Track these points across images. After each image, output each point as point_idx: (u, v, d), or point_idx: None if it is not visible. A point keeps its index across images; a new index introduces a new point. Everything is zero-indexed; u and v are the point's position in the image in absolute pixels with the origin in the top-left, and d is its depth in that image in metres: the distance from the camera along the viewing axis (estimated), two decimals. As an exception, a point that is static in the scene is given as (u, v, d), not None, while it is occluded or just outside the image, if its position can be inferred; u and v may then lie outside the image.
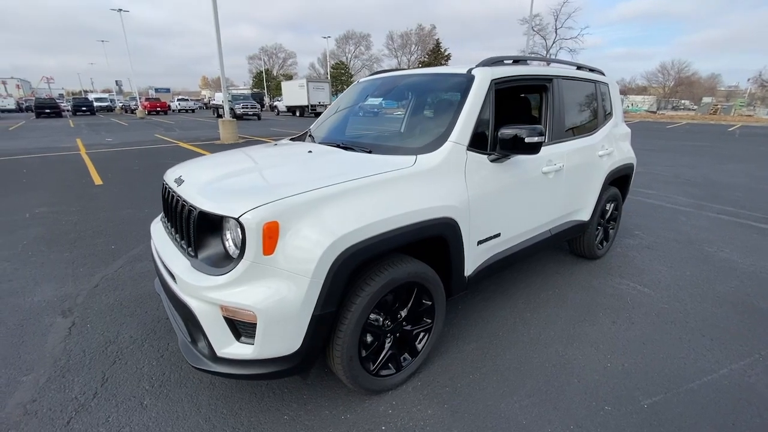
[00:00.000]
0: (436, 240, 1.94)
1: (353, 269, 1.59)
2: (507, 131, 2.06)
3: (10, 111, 39.82)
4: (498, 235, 2.30)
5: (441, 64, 45.33)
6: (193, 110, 39.17)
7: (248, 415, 1.80)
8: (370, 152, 2.14)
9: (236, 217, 1.49)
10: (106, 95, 44.96)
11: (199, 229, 1.65)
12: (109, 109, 39.70)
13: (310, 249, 1.50)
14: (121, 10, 31.03)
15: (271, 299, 1.49)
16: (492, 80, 2.24)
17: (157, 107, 34.01)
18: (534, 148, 2.06)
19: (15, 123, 23.22)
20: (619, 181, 3.50)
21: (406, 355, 2.01)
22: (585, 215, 3.07)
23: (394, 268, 1.77)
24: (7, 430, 1.71)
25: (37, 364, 2.14)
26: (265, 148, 2.55)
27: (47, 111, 28.64)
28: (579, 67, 3.21)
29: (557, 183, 2.63)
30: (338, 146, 2.27)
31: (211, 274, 1.55)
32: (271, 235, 1.48)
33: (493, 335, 2.41)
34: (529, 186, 2.42)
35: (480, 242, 2.18)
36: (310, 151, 2.25)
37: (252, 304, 1.48)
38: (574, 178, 2.81)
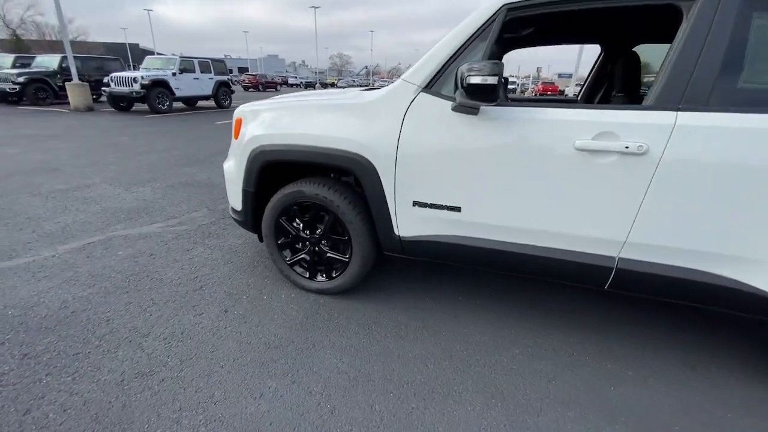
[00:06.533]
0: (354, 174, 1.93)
1: (263, 164, 2.05)
2: (461, 68, 1.50)
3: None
4: (458, 209, 1.80)
5: None
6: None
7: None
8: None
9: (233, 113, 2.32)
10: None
11: None
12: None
13: (244, 138, 2.13)
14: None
15: (229, 165, 2.30)
16: (504, 5, 1.62)
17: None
18: (483, 93, 1.46)
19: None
20: None
21: (322, 270, 2.25)
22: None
23: (306, 184, 2.04)
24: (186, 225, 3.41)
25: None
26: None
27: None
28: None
29: (630, 176, 1.50)
30: (367, 85, 2.57)
31: None
32: (237, 126, 2.22)
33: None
34: (534, 161, 1.61)
35: (417, 204, 1.85)
36: (337, 85, 2.71)
37: (225, 167, 2.34)
38: (711, 182, 1.41)
